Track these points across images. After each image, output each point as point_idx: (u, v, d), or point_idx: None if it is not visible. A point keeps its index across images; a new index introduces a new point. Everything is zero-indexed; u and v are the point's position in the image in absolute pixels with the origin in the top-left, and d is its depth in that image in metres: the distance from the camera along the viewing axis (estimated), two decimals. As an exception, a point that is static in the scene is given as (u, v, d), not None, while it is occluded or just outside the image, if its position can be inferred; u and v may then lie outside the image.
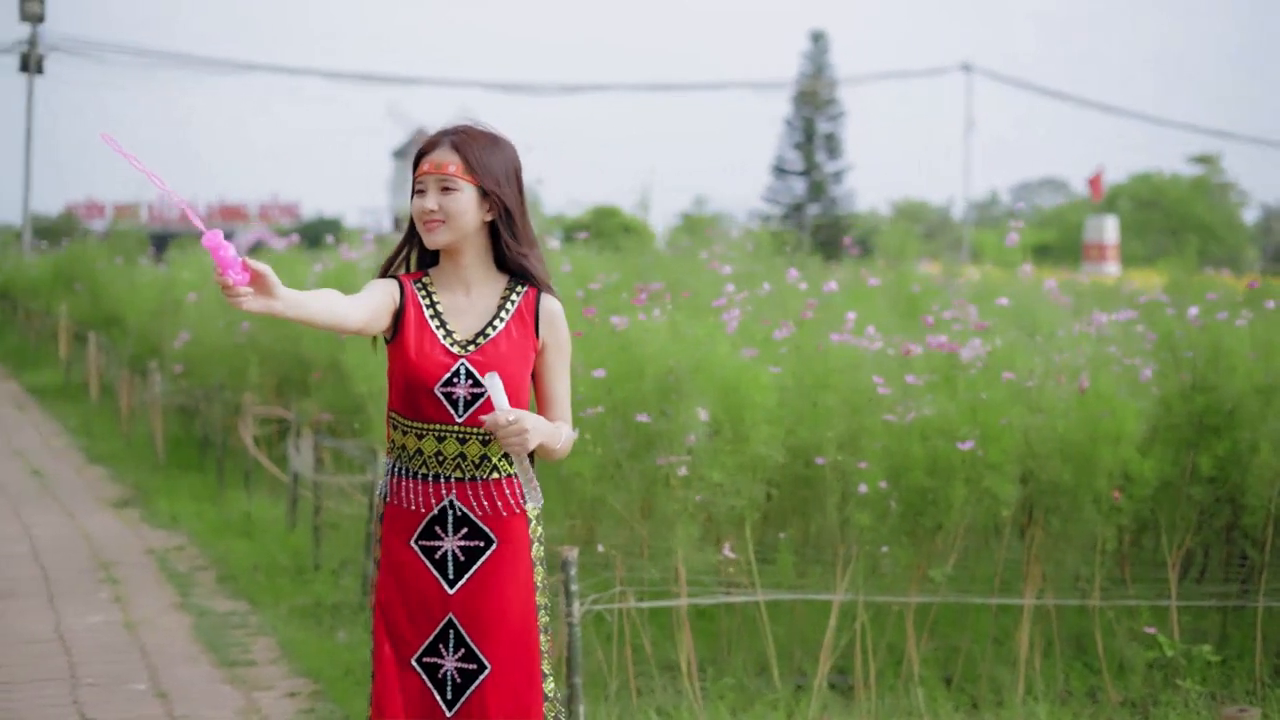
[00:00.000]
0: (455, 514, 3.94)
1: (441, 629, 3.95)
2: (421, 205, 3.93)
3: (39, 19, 37.10)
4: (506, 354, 3.96)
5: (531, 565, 4.01)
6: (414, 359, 3.90)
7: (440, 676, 3.96)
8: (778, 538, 6.77)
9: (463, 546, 3.94)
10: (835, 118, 57.39)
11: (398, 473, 3.99)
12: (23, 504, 11.58)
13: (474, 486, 3.94)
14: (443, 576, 3.94)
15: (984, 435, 6.22)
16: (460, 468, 3.93)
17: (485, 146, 4.00)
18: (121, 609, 8.27)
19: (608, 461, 6.23)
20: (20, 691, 6.74)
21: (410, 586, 3.97)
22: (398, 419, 3.99)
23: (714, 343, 6.22)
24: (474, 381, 3.89)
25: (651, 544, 6.40)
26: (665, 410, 6.17)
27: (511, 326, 4.00)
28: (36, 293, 24.45)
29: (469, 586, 3.94)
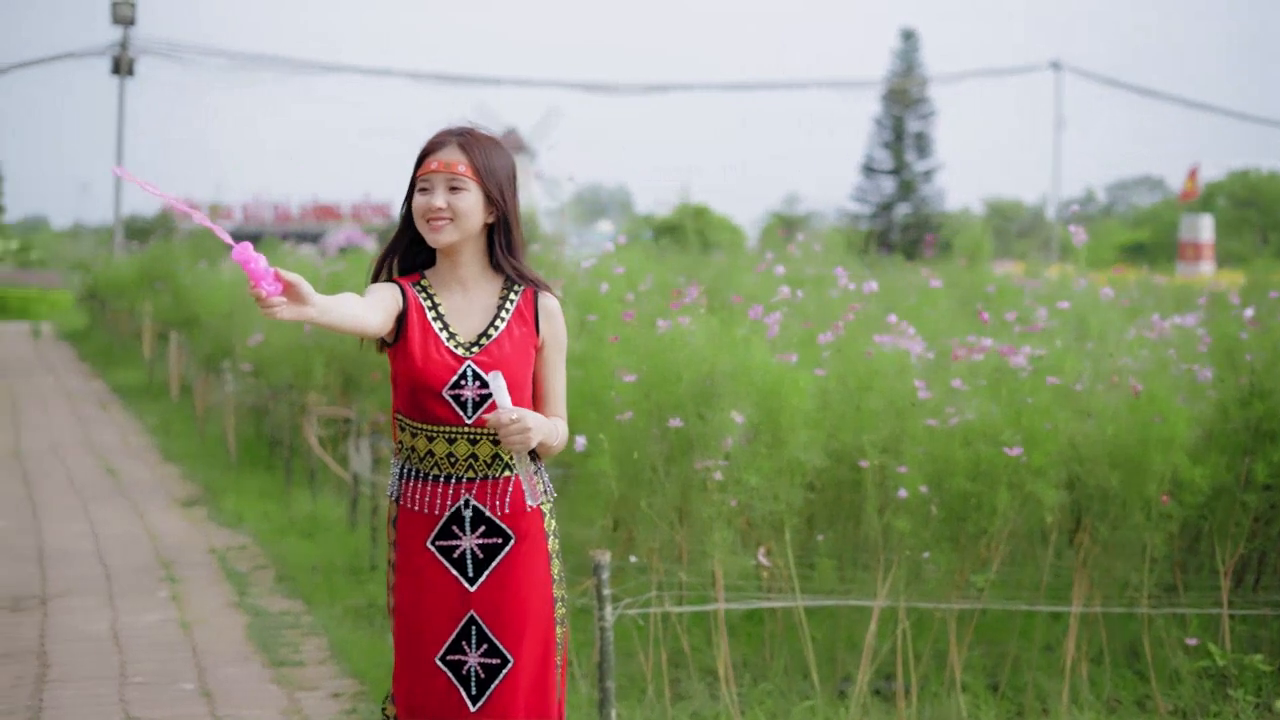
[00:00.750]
0: (472, 513, 3.99)
1: (463, 626, 3.99)
2: (429, 203, 3.97)
3: (130, 22, 37.64)
4: (510, 353, 4.01)
5: (549, 559, 4.07)
6: (420, 363, 3.94)
7: (464, 673, 4.01)
8: (818, 542, 6.71)
9: (481, 544, 4.00)
10: (925, 116, 56.91)
11: (408, 475, 4.03)
12: (93, 502, 11.73)
13: (488, 485, 3.99)
14: (462, 575, 3.99)
15: (1029, 440, 6.13)
16: (473, 468, 3.98)
17: (490, 150, 4.06)
18: (178, 608, 8.34)
19: (644, 465, 6.21)
20: (70, 689, 6.81)
21: (429, 587, 4.01)
22: (405, 421, 4.03)
23: (751, 346, 6.17)
24: (481, 383, 3.95)
25: (689, 548, 6.37)
26: (703, 414, 6.13)
27: (513, 325, 4.06)
28: (123, 293, 24.79)
29: (489, 583, 3.99)
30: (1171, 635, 6.63)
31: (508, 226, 4.07)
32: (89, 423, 17.14)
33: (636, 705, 6.31)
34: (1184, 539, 6.88)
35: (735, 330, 6.34)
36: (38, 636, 7.69)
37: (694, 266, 11.76)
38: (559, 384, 4.11)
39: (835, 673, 6.65)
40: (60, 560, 9.54)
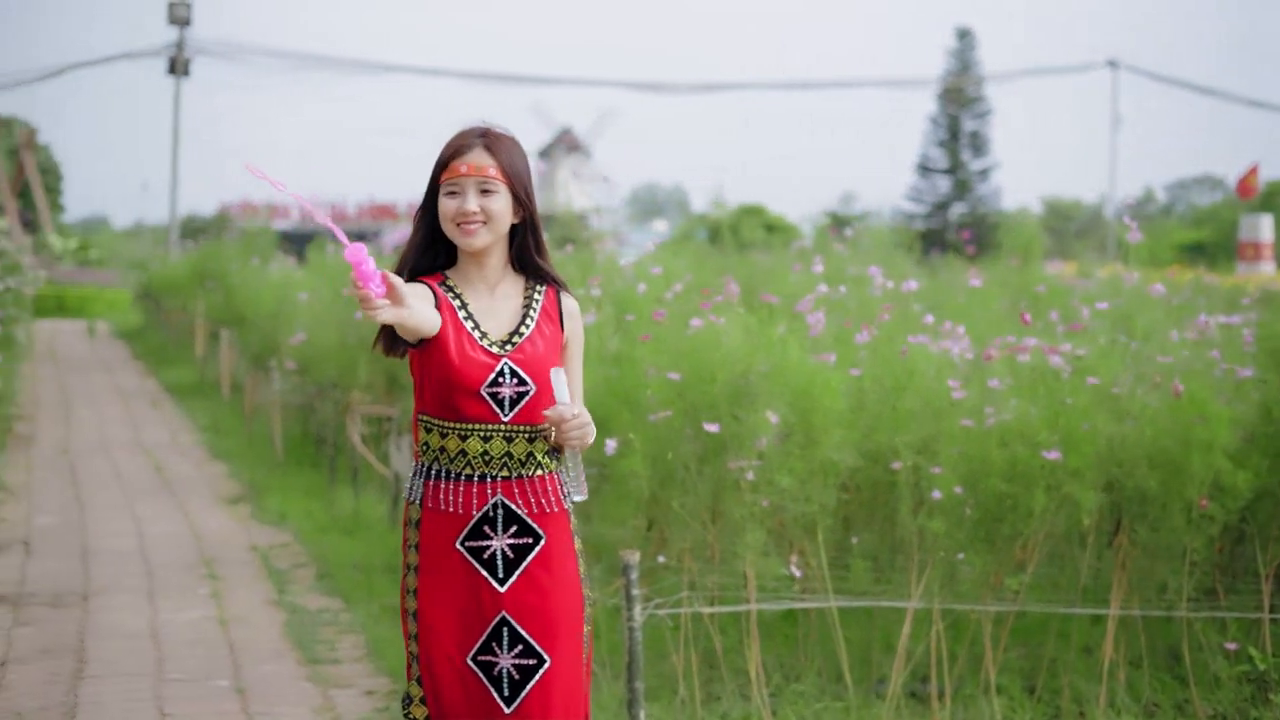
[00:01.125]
0: (504, 512, 3.99)
1: (494, 627, 3.98)
2: (461, 207, 3.97)
3: (185, 22, 37.94)
4: (544, 351, 4.03)
5: (576, 557, 4.08)
6: (457, 362, 3.93)
7: (495, 674, 3.99)
8: (852, 543, 6.66)
9: (512, 544, 3.99)
10: (981, 115, 56.64)
11: (436, 475, 4.01)
12: (139, 499, 11.80)
13: (520, 484, 4.00)
14: (492, 575, 3.98)
15: (1066, 441, 6.06)
16: (507, 466, 3.98)
17: (512, 150, 4.09)
18: (217, 605, 8.37)
19: (677, 465, 6.18)
20: (106, 685, 6.85)
21: (457, 588, 4.00)
22: (433, 422, 4.01)
23: (786, 346, 6.13)
24: (519, 380, 3.96)
25: (721, 549, 6.34)
26: (737, 414, 6.10)
27: (541, 324, 4.08)
28: (176, 291, 24.95)
29: (519, 583, 3.99)
30: (1211, 639, 6.55)
31: (534, 226, 4.09)
32: (140, 420, 17.26)
33: (668, 706, 6.28)
34: (1225, 541, 6.78)
35: (770, 330, 6.30)
36: (77, 633, 7.74)
37: (733, 265, 11.72)
38: (578, 382, 4.12)
39: (870, 674, 6.60)
40: (103, 557, 9.59)
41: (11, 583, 8.81)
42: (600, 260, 9.90)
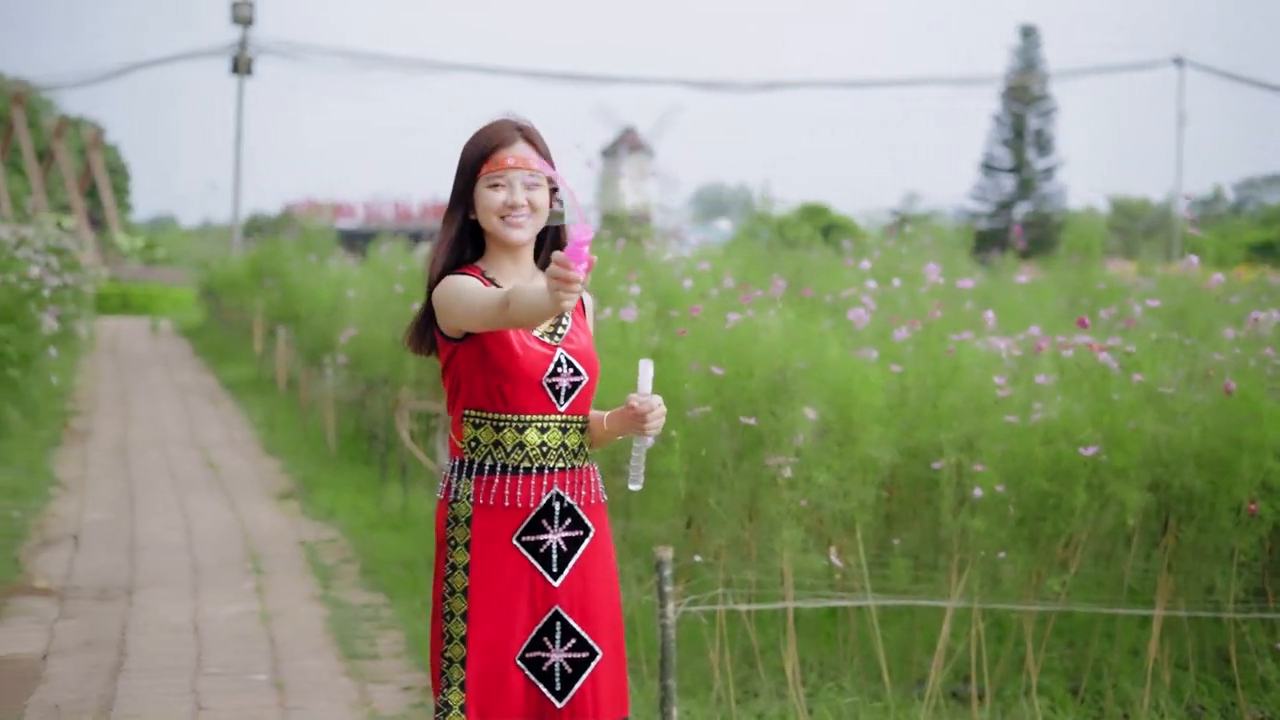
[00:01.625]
0: (562, 505, 3.98)
1: (546, 622, 3.95)
2: (510, 199, 3.95)
3: (248, 22, 38.18)
4: (587, 343, 4.07)
5: (613, 551, 4.12)
6: (519, 351, 3.91)
7: (546, 670, 3.95)
8: (892, 542, 6.57)
9: (565, 537, 3.98)
10: (1046, 113, 56.22)
11: (489, 470, 3.95)
12: (190, 494, 11.84)
13: (574, 475, 4.00)
14: (546, 569, 3.96)
15: (1111, 439, 5.95)
16: (562, 457, 3.98)
17: (542, 142, 4.07)
18: (261, 600, 8.38)
19: (714, 461, 6.11)
20: (144, 679, 6.85)
21: (508, 584, 3.95)
22: (485, 416, 3.96)
23: (825, 341, 6.05)
24: (574, 370, 3.97)
25: (758, 546, 6.27)
26: (774, 410, 6.03)
27: (576, 317, 4.09)
28: (236, 289, 25.09)
29: (572, 576, 3.97)
30: (1259, 641, 6.42)
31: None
32: (197, 416, 17.35)
33: (703, 703, 6.22)
34: (1274, 542, 6.64)
35: (809, 325, 6.22)
36: (119, 626, 7.76)
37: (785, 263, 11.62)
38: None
39: (909, 674, 6.51)
40: (151, 551, 9.63)
41: (59, 576, 8.85)
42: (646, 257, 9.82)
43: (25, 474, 12.00)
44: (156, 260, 58.84)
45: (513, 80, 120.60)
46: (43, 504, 11.02)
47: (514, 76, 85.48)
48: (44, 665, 7.07)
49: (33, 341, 14.03)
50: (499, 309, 3.73)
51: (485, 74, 76.47)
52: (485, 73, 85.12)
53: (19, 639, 7.48)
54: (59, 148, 52.61)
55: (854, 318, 6.52)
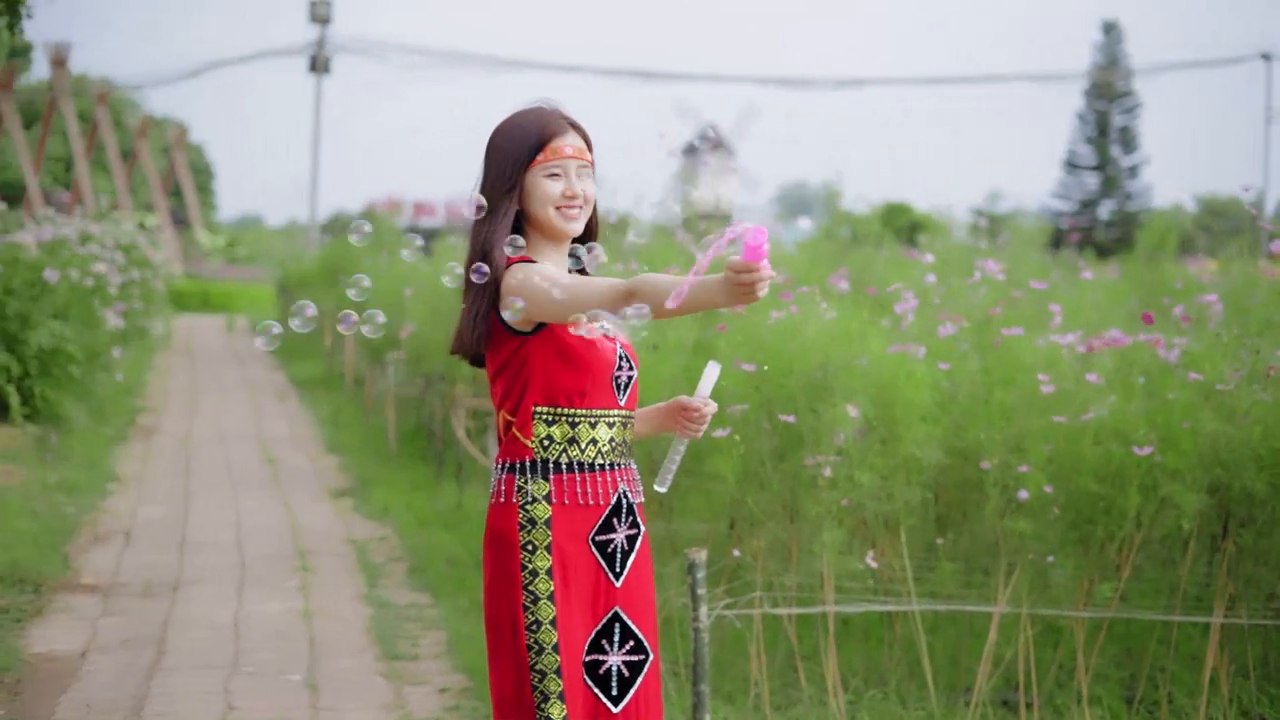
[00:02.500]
0: (627, 503, 3.87)
1: (606, 623, 3.82)
2: (568, 189, 3.81)
3: (326, 20, 38.35)
4: (628, 336, 3.94)
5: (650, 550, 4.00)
6: (596, 343, 3.78)
7: (603, 673, 3.80)
8: (938, 544, 6.35)
9: (628, 535, 3.88)
10: (1130, 110, 55.41)
11: (567, 469, 3.78)
12: (246, 491, 11.79)
13: (629, 473, 3.91)
14: (610, 569, 3.84)
15: (1165, 439, 5.72)
16: (622, 454, 3.88)
17: (586, 133, 3.93)
18: (304, 598, 8.28)
19: (752, 460, 5.94)
20: (178, 677, 6.77)
21: (579, 586, 3.80)
22: (558, 412, 3.78)
23: (867, 337, 5.86)
24: (630, 365, 3.88)
25: (797, 548, 6.08)
26: (815, 408, 5.84)
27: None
28: (309, 286, 25.13)
29: (630, 576, 3.87)
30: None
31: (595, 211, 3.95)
32: (262, 413, 17.36)
33: (741, 709, 6.04)
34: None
35: (853, 320, 6.02)
36: (161, 623, 7.69)
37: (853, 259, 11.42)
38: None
39: (958, 681, 6.30)
40: (200, 548, 9.57)
41: (106, 573, 8.80)
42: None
43: (85, 470, 11.99)
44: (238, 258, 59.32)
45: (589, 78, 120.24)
46: (98, 500, 11.01)
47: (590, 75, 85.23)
48: (82, 663, 7.01)
49: (98, 339, 14.06)
50: (620, 297, 3.50)
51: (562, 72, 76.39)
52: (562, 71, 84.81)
53: (61, 636, 7.43)
54: (142, 147, 53.13)
55: (901, 312, 6.29)
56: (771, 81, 74.16)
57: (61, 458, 12.28)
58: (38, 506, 10.23)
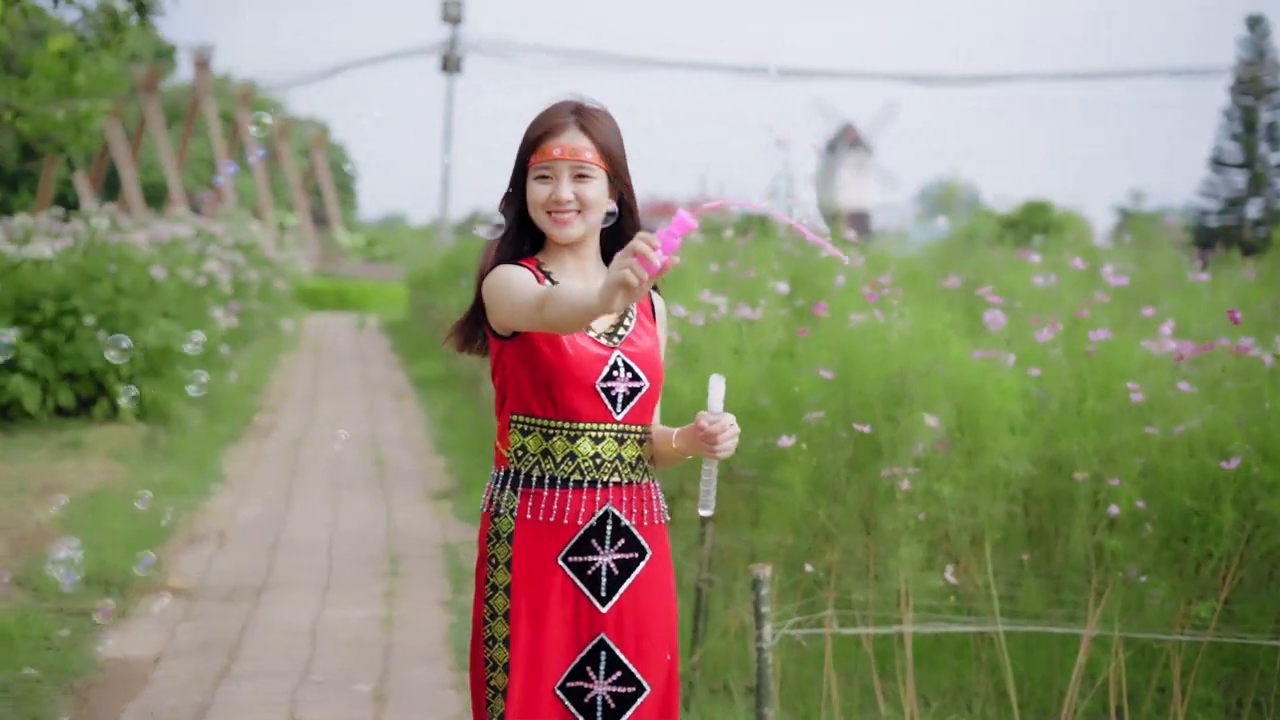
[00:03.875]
0: (614, 524, 3.59)
1: (590, 650, 3.58)
2: (556, 194, 3.58)
3: (457, 20, 38.48)
4: (651, 347, 3.69)
5: (673, 579, 3.72)
6: (571, 353, 3.54)
7: (588, 702, 3.59)
8: (1022, 560, 6.02)
9: (617, 560, 3.60)
10: (1278, 106, 53.90)
11: (536, 483, 3.58)
12: (347, 492, 11.70)
13: (630, 492, 3.62)
14: (594, 594, 3.58)
15: (1261, 451, 5.35)
16: (618, 471, 3.60)
17: (607, 128, 3.68)
18: (387, 604, 8.14)
19: (826, 470, 5.66)
20: (246, 685, 6.65)
21: (550, 608, 3.58)
22: (533, 422, 3.59)
23: (946, 342, 5.55)
24: (633, 375, 3.60)
25: (874, 563, 5.78)
26: (894, 416, 5.55)
27: (641, 318, 3.72)
28: (434, 285, 25.17)
29: (622, 603, 3.60)
30: None
31: (631, 211, 3.68)
32: (378, 413, 17.33)
33: (811, 734, 5.77)
34: None
35: (934, 324, 5.71)
36: (239, 628, 7.58)
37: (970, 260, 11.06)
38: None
39: (1044, 705, 5.97)
40: (291, 550, 9.48)
41: (194, 575, 8.73)
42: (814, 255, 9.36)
43: (192, 470, 11.98)
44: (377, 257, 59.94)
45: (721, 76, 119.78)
46: (200, 500, 10.97)
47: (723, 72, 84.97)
48: (154, 668, 6.91)
49: (208, 338, 14.08)
50: (535, 308, 3.36)
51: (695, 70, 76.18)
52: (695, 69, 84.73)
53: (138, 640, 7.35)
54: (283, 148, 53.86)
55: (989, 319, 5.96)
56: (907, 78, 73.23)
57: (169, 457, 12.30)
58: (136, 507, 10.21)
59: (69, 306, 12.64)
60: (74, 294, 12.69)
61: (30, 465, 11.29)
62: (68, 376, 12.86)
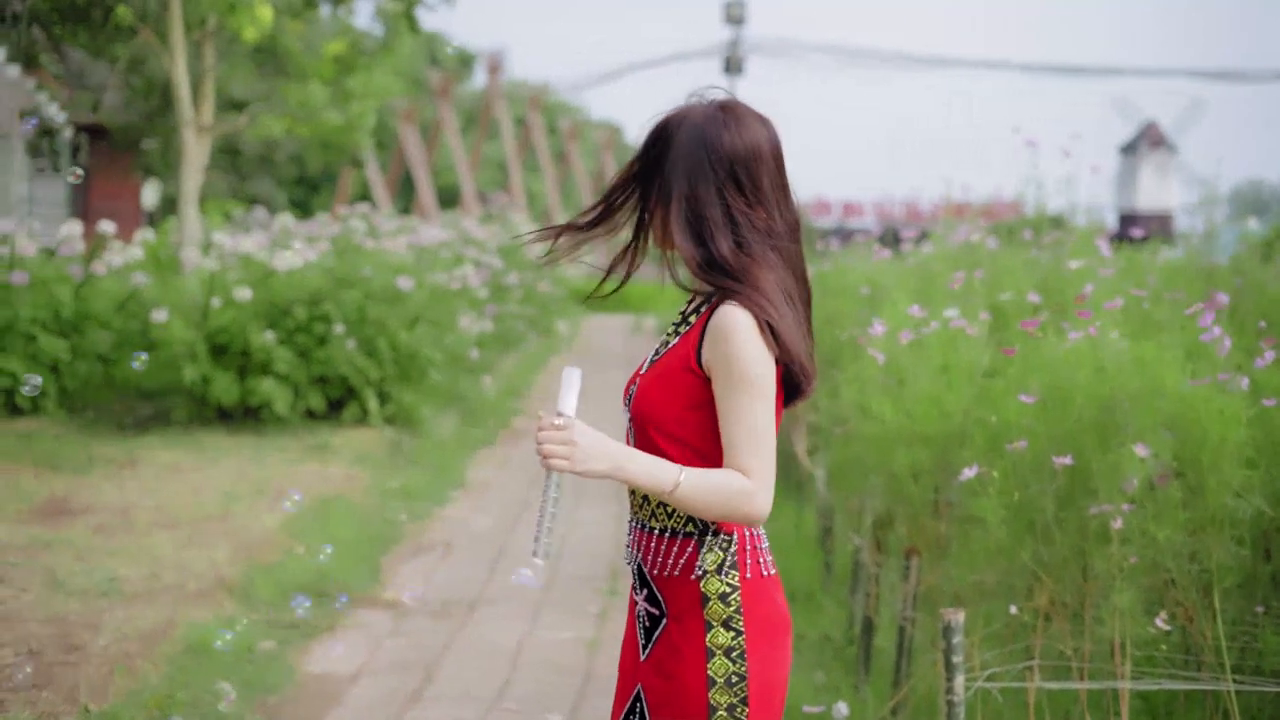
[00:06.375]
0: (641, 573, 3.27)
1: (632, 701, 3.26)
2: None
3: (740, 21, 38.24)
4: (660, 374, 3.22)
5: (704, 654, 3.14)
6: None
7: None
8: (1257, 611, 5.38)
9: (647, 610, 3.26)
10: None
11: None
12: (588, 502, 11.43)
13: (651, 539, 3.23)
14: (639, 637, 3.28)
15: None
16: (639, 513, 3.26)
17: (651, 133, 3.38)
18: (597, 626, 7.86)
19: (1031, 507, 5.13)
20: (435, 709, 6.47)
21: (626, 645, 3.35)
22: None
23: (1162, 366, 4.97)
24: (629, 405, 3.26)
25: (1089, 611, 5.23)
26: (1104, 447, 5.00)
27: (680, 343, 3.23)
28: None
29: (651, 662, 3.23)
30: None
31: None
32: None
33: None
34: None
35: (1146, 346, 5.12)
36: (443, 646, 7.40)
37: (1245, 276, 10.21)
38: (734, 427, 3.07)
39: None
40: (513, 563, 9.28)
41: (411, 587, 8.59)
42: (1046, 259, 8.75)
43: (434, 475, 11.92)
44: (664, 258, 59.81)
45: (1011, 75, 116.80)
46: (435, 508, 10.89)
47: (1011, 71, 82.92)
48: (350, 686, 6.77)
49: (459, 342, 14.07)
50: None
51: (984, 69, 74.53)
52: (983, 67, 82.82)
53: (342, 656, 7.22)
54: (572, 149, 54.45)
55: (1209, 339, 5.32)
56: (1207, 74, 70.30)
57: (413, 462, 12.27)
58: (369, 514, 10.16)
59: (320, 312, 12.74)
60: (325, 300, 12.78)
61: (274, 468, 11.37)
62: (319, 380, 12.97)
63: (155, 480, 10.67)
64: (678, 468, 3.06)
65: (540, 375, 20.96)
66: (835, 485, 7.60)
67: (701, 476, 3.05)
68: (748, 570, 3.18)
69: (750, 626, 3.15)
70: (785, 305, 3.13)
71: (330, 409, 13.26)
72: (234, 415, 13.02)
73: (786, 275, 3.18)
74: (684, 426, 3.14)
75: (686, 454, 3.13)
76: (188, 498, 10.10)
